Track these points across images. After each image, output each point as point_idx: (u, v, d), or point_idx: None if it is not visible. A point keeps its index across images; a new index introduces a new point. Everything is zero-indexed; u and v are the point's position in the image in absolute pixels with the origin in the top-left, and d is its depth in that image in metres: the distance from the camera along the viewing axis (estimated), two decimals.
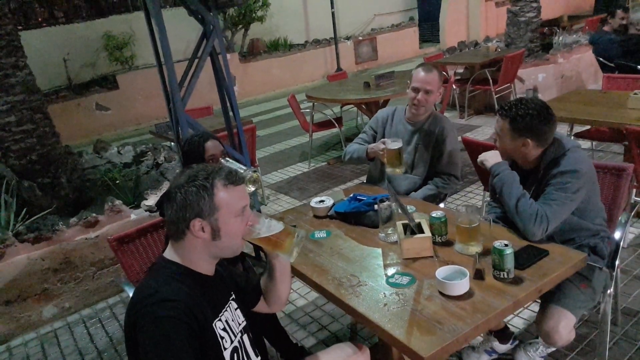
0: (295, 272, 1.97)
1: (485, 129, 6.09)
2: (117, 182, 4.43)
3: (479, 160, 2.15)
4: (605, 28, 5.52)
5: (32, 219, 3.51)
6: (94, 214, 3.46)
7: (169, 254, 1.42)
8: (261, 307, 1.70)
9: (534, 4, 6.83)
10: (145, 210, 3.61)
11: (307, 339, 2.77)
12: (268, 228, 1.46)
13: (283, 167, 5.75)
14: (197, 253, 1.39)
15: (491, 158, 2.09)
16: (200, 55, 2.87)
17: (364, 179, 3.15)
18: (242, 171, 2.06)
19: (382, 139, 2.46)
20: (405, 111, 2.73)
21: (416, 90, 2.55)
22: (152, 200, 3.67)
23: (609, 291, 2.05)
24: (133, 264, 2.45)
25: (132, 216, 3.56)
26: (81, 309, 3.41)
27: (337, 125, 5.40)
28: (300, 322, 2.94)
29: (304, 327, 2.89)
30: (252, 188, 2.13)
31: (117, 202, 3.55)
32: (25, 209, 3.60)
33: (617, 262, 2.06)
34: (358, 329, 2.74)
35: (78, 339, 3.12)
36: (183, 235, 1.36)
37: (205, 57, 2.85)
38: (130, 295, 2.22)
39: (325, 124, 5.55)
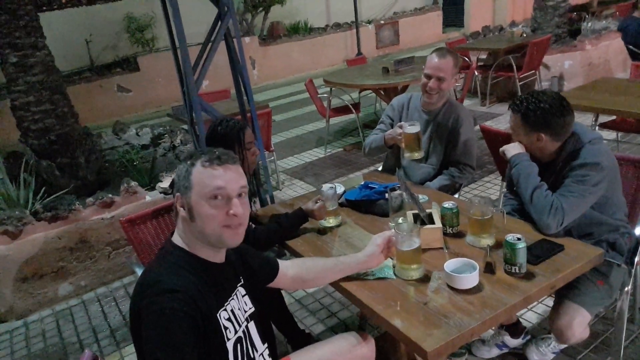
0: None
1: (507, 117, 5.91)
2: (135, 163, 4.48)
3: (500, 150, 2.09)
4: (636, 14, 5.30)
5: (50, 198, 3.56)
6: (110, 195, 3.50)
7: (176, 238, 1.41)
8: (280, 283, 1.70)
9: None
10: (160, 192, 3.64)
11: (315, 326, 2.76)
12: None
13: (299, 152, 5.73)
14: (190, 236, 1.38)
15: (512, 149, 2.02)
16: (214, 38, 2.84)
17: (379, 166, 3.10)
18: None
19: (399, 123, 2.40)
20: (419, 98, 2.66)
21: (428, 76, 2.47)
22: (166, 182, 3.69)
23: (626, 288, 1.98)
24: (144, 246, 2.47)
25: (147, 198, 3.59)
26: (96, 288, 3.47)
27: (354, 111, 5.34)
28: (310, 308, 2.94)
29: (313, 314, 2.88)
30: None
31: (133, 183, 3.58)
32: (43, 189, 3.66)
33: (636, 259, 1.98)
34: (367, 318, 2.72)
35: (92, 316, 3.18)
36: (177, 212, 1.39)
37: (219, 39, 2.81)
38: (138, 272, 2.25)
39: (343, 110, 5.49)
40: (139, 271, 2.29)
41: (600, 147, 1.92)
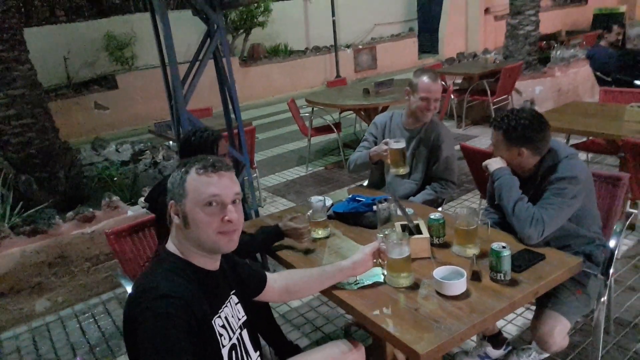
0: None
1: (482, 139, 6.13)
2: (115, 179, 4.44)
3: (483, 165, 2.18)
4: (602, 43, 5.60)
5: (29, 212, 3.50)
6: (90, 209, 3.46)
7: (170, 245, 1.42)
8: (268, 296, 1.70)
9: (533, 18, 6.93)
10: (142, 207, 3.61)
11: (300, 340, 2.76)
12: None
13: (280, 170, 5.76)
14: (184, 243, 1.39)
15: (495, 163, 2.12)
16: (203, 55, 2.89)
17: (361, 183, 3.16)
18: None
19: (385, 140, 2.47)
20: (402, 116, 2.74)
21: (426, 99, 2.56)
22: None
23: (602, 299, 2.07)
24: (130, 259, 2.45)
25: (129, 212, 3.55)
26: (74, 304, 3.39)
27: (335, 130, 5.43)
28: (294, 322, 2.94)
29: (298, 328, 2.89)
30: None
31: (115, 198, 3.55)
32: (21, 203, 3.59)
33: (611, 270, 2.07)
34: (352, 331, 2.74)
35: (70, 333, 3.10)
36: (171, 220, 1.40)
37: (208, 56, 2.87)
38: (127, 288, 2.23)
39: (324, 129, 5.58)
40: (125, 283, 2.27)
41: (576, 162, 2.03)
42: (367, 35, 13.01)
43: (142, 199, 3.67)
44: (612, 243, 2.14)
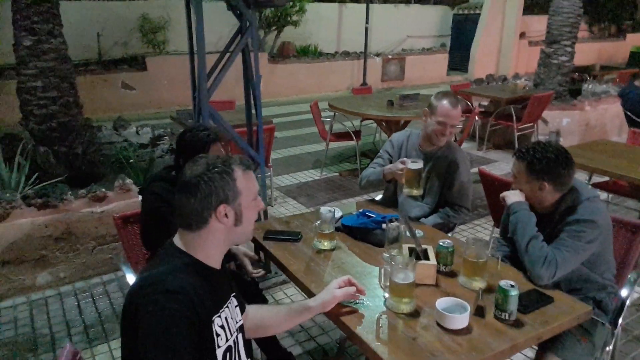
0: (294, 280, 1.95)
1: (501, 164, 6.04)
2: (131, 161, 4.46)
3: (501, 196, 2.13)
4: (636, 82, 5.47)
5: (42, 185, 3.53)
6: (103, 189, 3.48)
7: (179, 242, 1.39)
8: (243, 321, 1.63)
9: (568, 49, 6.82)
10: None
11: (294, 347, 2.74)
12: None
13: (295, 171, 5.75)
14: (215, 242, 1.38)
15: (513, 196, 2.07)
16: (232, 50, 2.88)
17: (373, 195, 3.12)
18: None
19: (402, 159, 2.42)
20: (419, 137, 2.69)
21: (443, 124, 2.50)
22: None
23: (608, 348, 2.00)
24: (134, 245, 2.45)
25: (140, 197, 3.56)
26: (75, 281, 3.41)
27: (354, 138, 5.39)
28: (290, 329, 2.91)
29: (292, 335, 2.86)
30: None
31: (128, 180, 3.56)
32: (36, 174, 3.63)
33: (620, 320, 2.01)
34: (346, 346, 2.70)
35: (67, 310, 3.11)
36: (204, 224, 1.35)
37: (237, 52, 2.86)
38: (127, 275, 2.23)
39: (344, 136, 5.55)
40: (126, 269, 2.27)
41: (597, 206, 1.97)
42: (398, 46, 12.97)
43: None
44: (624, 292, 2.07)
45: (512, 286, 1.60)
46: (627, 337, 2.80)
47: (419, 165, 2.32)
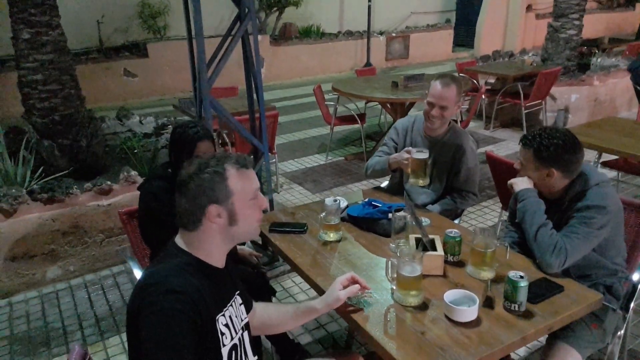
0: (300, 273, 1.94)
1: (509, 143, 5.97)
2: (135, 151, 4.45)
3: (508, 183, 2.09)
4: None
5: (47, 179, 3.53)
6: (108, 182, 3.48)
7: (181, 242, 1.39)
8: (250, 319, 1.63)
9: (576, 22, 6.65)
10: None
11: (303, 336, 2.75)
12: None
13: (300, 156, 5.72)
14: (213, 242, 1.37)
15: (521, 183, 2.02)
16: (232, 38, 2.83)
17: (380, 181, 3.08)
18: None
19: (407, 148, 2.38)
20: (423, 122, 2.64)
21: (431, 104, 2.45)
22: None
23: (619, 333, 1.99)
24: (140, 240, 2.44)
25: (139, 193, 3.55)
26: (85, 274, 3.44)
27: (359, 121, 5.34)
28: None
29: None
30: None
31: (133, 172, 3.56)
32: (41, 168, 3.63)
33: (632, 305, 1.99)
34: (355, 334, 2.71)
35: (78, 303, 3.14)
36: (199, 224, 1.34)
37: (237, 40, 2.80)
38: (134, 270, 2.24)
39: (348, 119, 5.49)
40: (133, 264, 2.27)
41: (607, 191, 1.92)
42: (401, 23, 12.74)
43: None
44: (635, 277, 2.04)
45: (522, 277, 1.57)
46: (638, 318, 2.78)
47: (424, 155, 2.28)
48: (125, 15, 9.32)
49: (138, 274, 2.22)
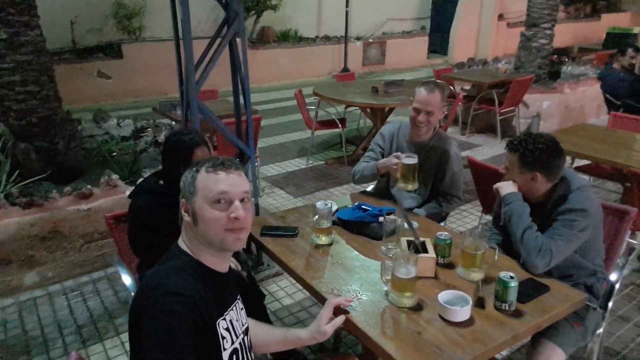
0: (295, 277, 1.96)
1: (485, 148, 6.12)
2: (114, 154, 4.37)
3: (494, 187, 2.16)
4: (615, 65, 5.56)
5: (25, 182, 3.44)
6: (88, 186, 3.41)
7: (182, 243, 1.42)
8: None
9: (548, 32, 6.87)
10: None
11: None
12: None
13: (281, 160, 5.72)
14: (195, 242, 1.39)
15: (507, 187, 2.10)
16: (221, 40, 2.83)
17: (365, 186, 3.12)
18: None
19: (396, 154, 2.42)
20: (408, 128, 2.69)
21: (417, 110, 2.52)
22: None
23: (598, 331, 2.08)
24: (126, 243, 2.41)
25: (127, 192, 3.50)
26: (64, 280, 3.36)
27: (340, 126, 5.38)
28: (285, 321, 2.93)
29: (288, 327, 2.87)
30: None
31: (114, 176, 3.50)
32: (17, 172, 3.53)
33: (610, 304, 2.07)
34: (343, 336, 2.73)
35: (58, 310, 3.07)
36: (181, 218, 1.41)
37: (225, 44, 2.80)
38: (123, 275, 2.21)
39: (329, 123, 5.53)
40: (121, 270, 2.24)
41: (588, 195, 2.01)
42: (378, 29, 12.89)
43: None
44: (613, 277, 2.14)
45: (512, 277, 1.63)
46: (612, 317, 2.90)
47: (414, 160, 2.33)
48: (100, 16, 9.14)
49: (127, 279, 2.19)
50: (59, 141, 3.88)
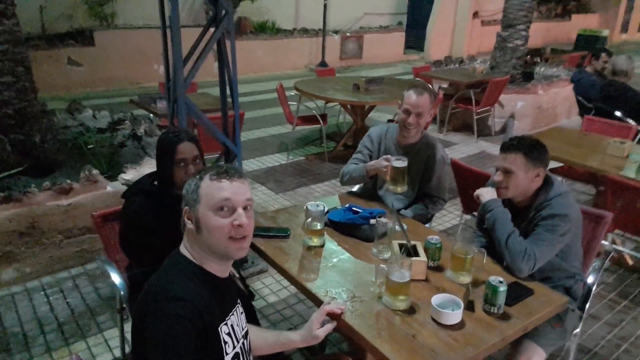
0: (289, 278, 1.98)
1: (461, 147, 6.25)
2: (90, 147, 4.27)
3: (475, 195, 2.22)
4: (588, 69, 5.75)
5: (2, 175, 3.34)
6: (68, 181, 3.34)
7: (183, 249, 1.43)
8: None
9: (523, 33, 7.04)
10: (122, 184, 3.51)
11: None
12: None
13: (260, 155, 5.71)
14: (197, 249, 1.40)
15: (487, 194, 2.17)
16: (208, 41, 2.80)
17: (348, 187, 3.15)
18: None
19: (386, 156, 2.46)
20: (396, 131, 2.74)
21: (407, 112, 2.56)
22: (130, 174, 3.57)
23: (576, 331, 2.18)
24: (113, 242, 2.39)
25: (109, 188, 3.45)
26: (42, 276, 3.29)
27: (321, 122, 5.41)
28: (270, 318, 2.96)
29: (274, 325, 2.91)
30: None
31: (95, 171, 3.44)
32: None
33: (587, 305, 2.18)
34: (327, 337, 2.77)
35: (37, 307, 3.01)
36: (183, 224, 1.42)
37: (212, 43, 2.77)
38: (112, 275, 2.19)
39: (310, 119, 5.54)
40: (110, 270, 2.22)
41: (569, 200, 2.11)
42: (355, 23, 12.92)
43: (123, 176, 3.56)
44: (590, 279, 2.24)
45: (501, 282, 1.70)
46: (584, 316, 3.03)
47: (403, 163, 2.37)
48: (70, 1, 8.86)
49: (116, 278, 2.17)
50: (35, 134, 3.78)
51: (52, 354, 2.63)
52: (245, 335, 1.53)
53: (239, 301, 1.54)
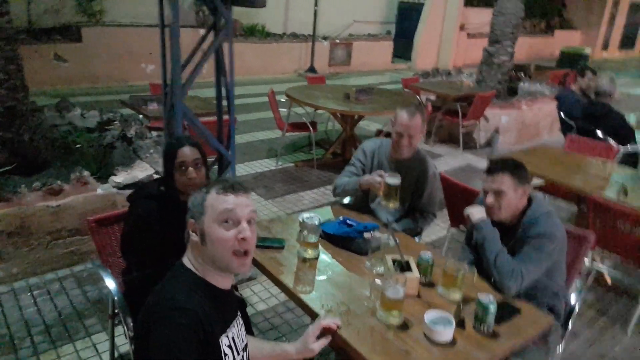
0: (285, 291, 2.02)
1: (447, 158, 6.37)
2: (78, 146, 4.23)
3: (465, 213, 2.29)
4: (573, 87, 5.90)
5: None
6: (58, 182, 3.32)
7: (186, 261, 1.46)
8: None
9: (509, 49, 7.22)
10: (113, 187, 3.50)
11: None
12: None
13: (249, 160, 5.72)
14: (201, 261, 1.43)
15: (477, 213, 2.24)
16: (207, 50, 2.82)
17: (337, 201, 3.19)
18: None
19: (379, 171, 2.52)
20: (389, 146, 2.78)
21: (399, 134, 2.63)
22: (121, 177, 3.56)
23: (558, 348, 2.26)
24: (110, 252, 2.39)
25: (99, 190, 3.44)
26: (29, 277, 3.25)
27: (311, 129, 5.45)
28: (259, 327, 2.98)
29: (262, 332, 2.93)
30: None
31: (85, 173, 3.42)
32: None
33: (570, 323, 2.27)
34: None
35: (24, 307, 2.98)
36: (188, 236, 1.45)
37: (211, 52, 2.80)
38: (106, 280, 2.19)
39: (300, 126, 5.58)
40: (105, 276, 2.22)
41: (554, 220, 2.19)
42: (344, 30, 13.02)
43: (113, 178, 3.54)
44: (573, 298, 2.33)
45: (491, 301, 1.77)
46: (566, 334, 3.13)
47: (397, 180, 2.42)
48: None
49: (110, 283, 2.17)
50: (25, 132, 3.73)
51: (39, 357, 2.61)
52: (245, 348, 1.56)
53: (239, 313, 1.58)
